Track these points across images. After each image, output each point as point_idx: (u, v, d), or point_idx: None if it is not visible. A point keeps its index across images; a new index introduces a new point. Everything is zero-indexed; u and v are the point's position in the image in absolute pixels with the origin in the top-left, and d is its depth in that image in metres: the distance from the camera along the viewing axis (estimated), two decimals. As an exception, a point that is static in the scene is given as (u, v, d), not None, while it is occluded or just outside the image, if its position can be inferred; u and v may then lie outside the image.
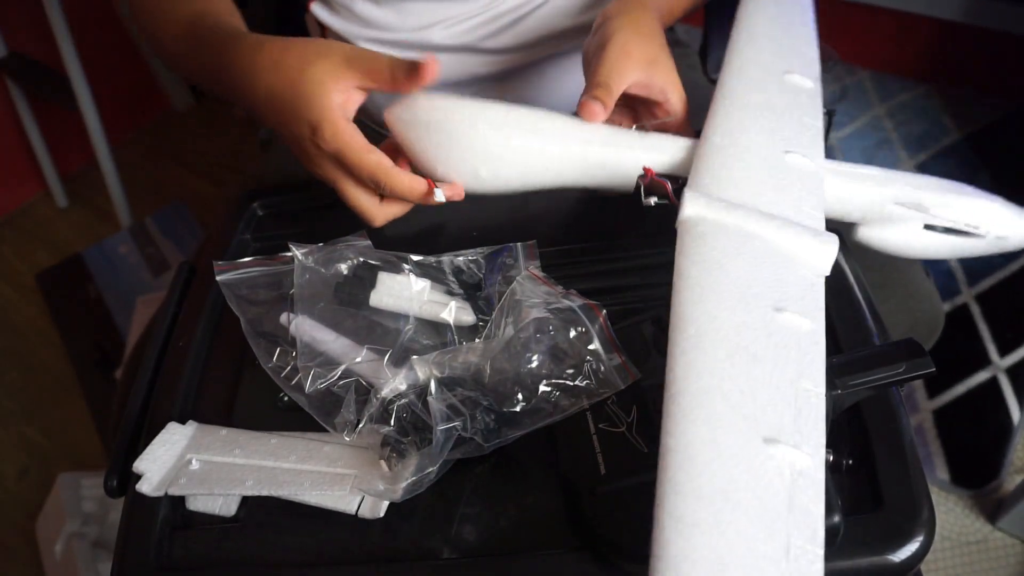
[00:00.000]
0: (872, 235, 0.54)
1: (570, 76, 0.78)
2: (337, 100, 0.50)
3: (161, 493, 0.46)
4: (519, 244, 0.57)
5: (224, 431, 0.49)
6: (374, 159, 0.51)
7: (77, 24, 1.64)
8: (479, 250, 0.56)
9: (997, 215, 0.51)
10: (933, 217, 0.51)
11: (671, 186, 0.50)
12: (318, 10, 0.77)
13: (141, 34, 0.67)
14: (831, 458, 0.37)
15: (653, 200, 0.51)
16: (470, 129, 0.52)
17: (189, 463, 0.47)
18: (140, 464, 0.47)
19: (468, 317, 0.53)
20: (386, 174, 0.51)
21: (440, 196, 0.52)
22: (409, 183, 0.51)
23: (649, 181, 0.51)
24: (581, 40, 0.77)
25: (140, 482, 0.46)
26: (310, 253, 0.54)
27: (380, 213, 0.55)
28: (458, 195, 0.53)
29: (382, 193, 0.53)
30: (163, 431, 0.49)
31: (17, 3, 1.78)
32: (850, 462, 0.39)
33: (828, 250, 0.44)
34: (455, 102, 0.53)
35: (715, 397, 0.36)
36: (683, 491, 0.33)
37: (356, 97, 0.52)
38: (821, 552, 0.32)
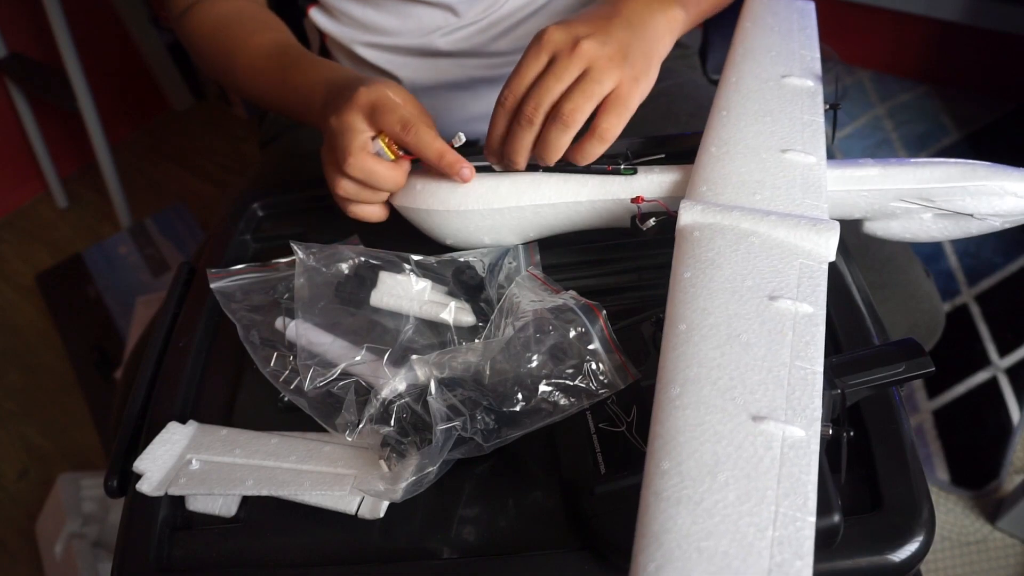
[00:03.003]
0: (876, 227, 0.54)
1: None
2: (398, 92, 0.54)
3: (161, 493, 0.46)
4: (520, 245, 0.57)
5: (224, 431, 0.49)
6: (411, 111, 0.53)
7: (77, 24, 1.64)
8: (480, 251, 0.56)
9: (1005, 192, 0.51)
10: (939, 208, 0.52)
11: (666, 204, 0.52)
12: (317, 16, 0.77)
13: (199, 58, 0.72)
14: (830, 432, 0.38)
15: (652, 221, 0.52)
16: (464, 219, 0.55)
17: (189, 463, 0.47)
18: (140, 464, 0.47)
19: (468, 318, 0.53)
20: (417, 121, 0.52)
21: (460, 143, 0.53)
22: (433, 136, 0.52)
23: (642, 207, 0.53)
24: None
25: (140, 482, 0.46)
26: (311, 252, 0.54)
27: (343, 183, 0.55)
28: (466, 178, 0.53)
29: (405, 137, 0.53)
30: (163, 431, 0.49)
31: (17, 3, 1.78)
32: (851, 433, 0.40)
33: (829, 237, 0.44)
34: (444, 197, 0.55)
35: (703, 385, 0.37)
36: (667, 471, 0.35)
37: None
38: (812, 519, 0.33)
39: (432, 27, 0.73)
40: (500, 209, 0.54)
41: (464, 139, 0.54)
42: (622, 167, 0.54)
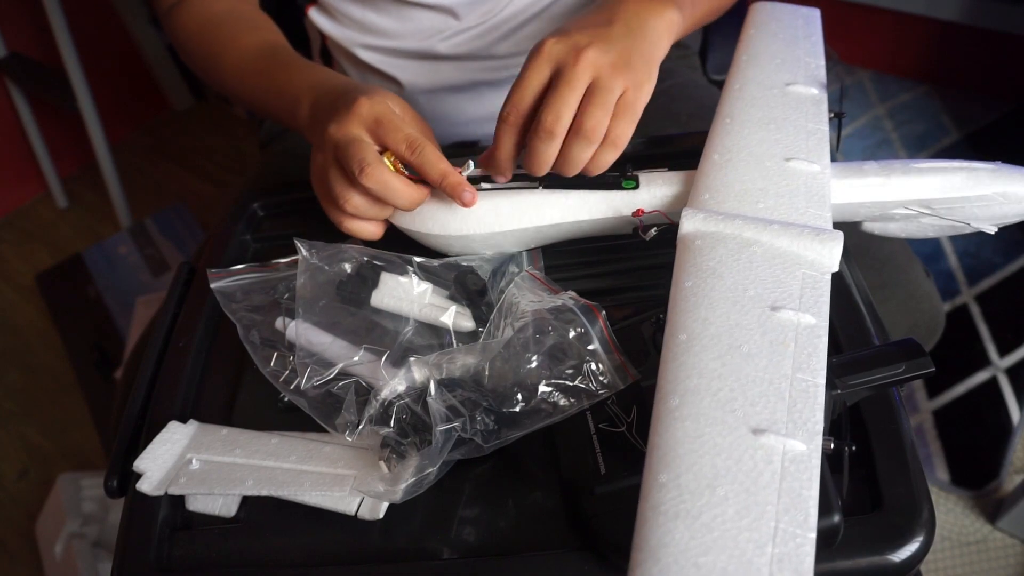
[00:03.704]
0: (874, 227, 0.55)
1: None
2: (397, 104, 0.53)
3: (161, 492, 0.46)
4: (524, 252, 0.57)
5: (225, 431, 0.49)
6: (415, 129, 0.52)
7: (77, 24, 1.64)
8: (484, 256, 0.56)
9: (1007, 200, 0.51)
10: (940, 217, 0.52)
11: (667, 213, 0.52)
12: (316, 16, 0.77)
13: (186, 54, 0.71)
14: (831, 446, 0.38)
15: (654, 231, 0.52)
16: (465, 241, 0.55)
17: (189, 462, 0.47)
18: (140, 463, 0.47)
19: (467, 323, 0.52)
20: (422, 142, 0.51)
21: (469, 171, 0.52)
22: (438, 156, 0.51)
23: (644, 220, 0.52)
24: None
25: (140, 481, 0.46)
26: (314, 251, 0.54)
27: (356, 199, 0.53)
28: (467, 202, 0.52)
29: (409, 156, 0.52)
30: (164, 430, 0.49)
31: (17, 3, 1.78)
32: (854, 447, 0.39)
33: (832, 247, 0.44)
34: (444, 221, 0.54)
35: (703, 396, 0.37)
36: (665, 484, 0.34)
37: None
38: (812, 536, 0.32)
39: (432, 31, 0.73)
40: (502, 231, 0.54)
41: (473, 167, 0.53)
42: (623, 181, 0.53)
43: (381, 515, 0.44)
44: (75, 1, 1.66)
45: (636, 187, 0.53)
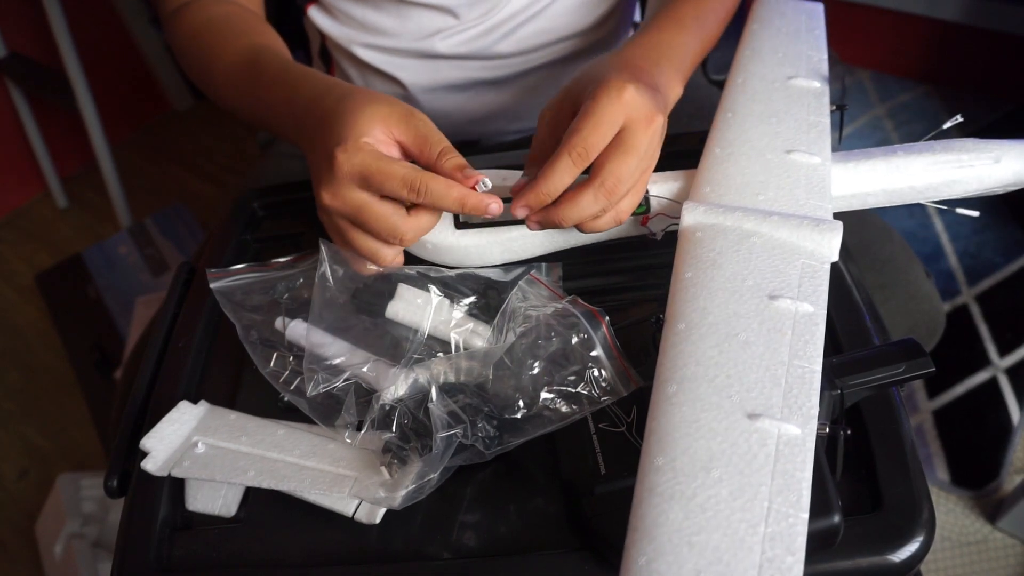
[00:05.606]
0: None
1: (569, 79, 0.78)
2: (376, 133, 0.48)
3: (165, 473, 0.46)
4: (544, 264, 0.55)
5: (233, 415, 0.49)
6: (407, 166, 0.47)
7: (77, 24, 1.64)
8: (501, 270, 0.54)
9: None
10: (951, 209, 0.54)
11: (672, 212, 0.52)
12: (316, 15, 0.77)
13: (184, 63, 0.68)
14: (826, 430, 0.38)
15: (660, 233, 0.52)
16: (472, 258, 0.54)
17: (195, 445, 0.46)
18: (147, 442, 0.47)
19: (479, 342, 0.50)
20: (421, 176, 0.47)
21: (485, 189, 0.48)
22: (446, 186, 0.47)
23: (650, 226, 0.52)
24: (580, 43, 0.77)
25: (145, 460, 0.46)
26: (337, 255, 0.53)
27: (390, 253, 0.51)
28: (495, 213, 0.48)
29: (415, 199, 0.47)
30: (174, 409, 0.48)
31: (17, 3, 1.78)
32: (848, 432, 0.40)
33: (832, 237, 0.44)
34: (459, 258, 0.53)
35: (700, 383, 0.38)
36: (661, 467, 0.35)
37: (392, 149, 0.50)
38: (805, 516, 0.33)
39: (432, 30, 0.73)
40: (517, 260, 0.54)
41: (490, 185, 0.48)
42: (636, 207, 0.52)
43: (377, 520, 0.44)
44: (75, 1, 1.66)
45: (647, 210, 0.52)
